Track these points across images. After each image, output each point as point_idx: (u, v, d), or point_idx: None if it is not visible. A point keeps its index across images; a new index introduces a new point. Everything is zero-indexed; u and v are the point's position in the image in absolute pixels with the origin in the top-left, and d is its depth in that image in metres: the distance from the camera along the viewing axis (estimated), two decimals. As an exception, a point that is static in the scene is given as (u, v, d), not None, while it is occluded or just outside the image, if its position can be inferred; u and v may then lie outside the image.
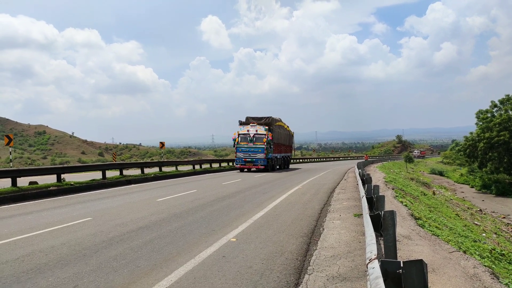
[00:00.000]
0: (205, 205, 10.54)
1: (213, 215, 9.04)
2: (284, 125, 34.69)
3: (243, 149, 27.54)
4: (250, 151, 27.38)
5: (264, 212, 9.41)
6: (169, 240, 6.53)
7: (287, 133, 35.25)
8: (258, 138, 27.52)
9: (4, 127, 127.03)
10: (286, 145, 34.55)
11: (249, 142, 27.48)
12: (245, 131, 28.02)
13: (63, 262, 5.24)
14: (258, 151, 27.21)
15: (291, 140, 37.48)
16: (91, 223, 7.95)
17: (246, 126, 28.29)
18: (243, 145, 27.61)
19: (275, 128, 29.71)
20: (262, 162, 27.18)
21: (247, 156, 27.35)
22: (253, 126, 28.09)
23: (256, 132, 27.74)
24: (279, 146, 31.29)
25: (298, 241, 6.55)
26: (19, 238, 6.61)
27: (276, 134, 30.01)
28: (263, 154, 27.11)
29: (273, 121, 29.63)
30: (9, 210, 9.80)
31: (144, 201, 11.32)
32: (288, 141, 36.00)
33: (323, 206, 10.64)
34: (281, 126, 33.05)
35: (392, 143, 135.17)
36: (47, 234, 6.95)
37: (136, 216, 8.82)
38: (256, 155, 27.26)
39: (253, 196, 12.72)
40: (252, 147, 27.44)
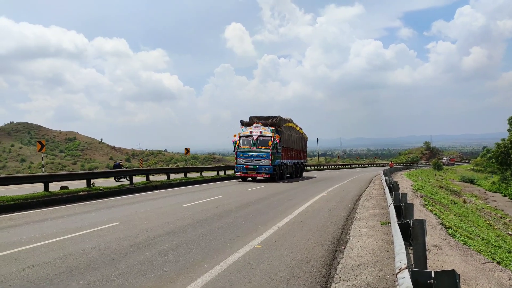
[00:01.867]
0: (229, 211, 10.58)
1: (238, 221, 9.07)
2: (296, 127, 30.32)
3: (244, 154, 23.58)
4: (253, 157, 23.31)
5: (288, 219, 9.36)
6: (195, 245, 6.59)
7: (299, 136, 30.66)
8: (262, 141, 23.45)
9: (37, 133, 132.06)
10: (298, 150, 30.08)
11: (252, 146, 23.50)
12: (247, 132, 23.98)
13: (93, 266, 5.38)
14: (263, 156, 23.10)
15: (304, 144, 32.78)
16: (119, 228, 8.13)
17: (249, 127, 24.17)
18: (244, 149, 23.68)
19: (284, 129, 25.67)
20: (267, 170, 23.05)
21: (249, 163, 23.37)
22: (257, 126, 23.96)
23: (260, 133, 23.65)
24: (289, 151, 27.19)
25: (323, 248, 6.48)
26: (52, 242, 6.83)
27: (286, 136, 25.90)
28: (269, 160, 22.95)
29: (282, 122, 25.50)
30: (42, 214, 10.14)
31: (170, 207, 11.48)
32: (301, 146, 31.35)
33: (348, 213, 10.48)
34: (292, 127, 28.76)
35: (420, 150, 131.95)
36: (77, 238, 7.16)
37: (162, 221, 8.95)
38: (260, 161, 23.17)
39: (277, 203, 12.69)
40: (255, 151, 23.36)
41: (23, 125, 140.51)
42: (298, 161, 29.97)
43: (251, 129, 23.99)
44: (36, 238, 7.09)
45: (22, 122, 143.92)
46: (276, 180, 23.43)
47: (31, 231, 7.79)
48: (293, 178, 27.63)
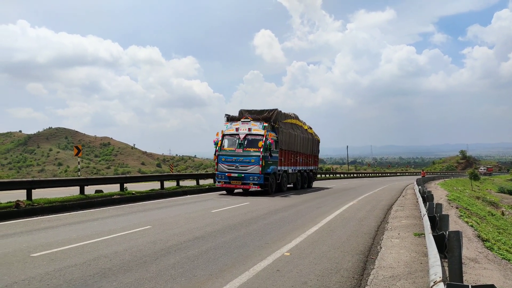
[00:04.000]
0: (258, 218, 10.59)
1: (266, 228, 9.06)
2: (303, 125, 24.28)
3: (227, 158, 18.04)
4: (238, 162, 17.81)
5: (317, 227, 9.25)
6: (224, 251, 6.63)
7: (307, 136, 24.25)
8: (251, 141, 18.00)
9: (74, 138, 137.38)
10: (305, 154, 23.89)
11: (238, 147, 18.08)
12: (232, 129, 18.55)
13: (126, 268, 5.51)
14: (250, 161, 17.56)
15: (314, 147, 26.12)
16: (150, 231, 8.30)
17: (235, 123, 18.76)
18: (228, 151, 18.19)
19: (283, 127, 19.93)
20: (256, 179, 17.45)
21: (233, 170, 17.85)
22: (246, 122, 18.53)
23: (249, 131, 18.14)
24: (291, 155, 21.31)
25: (354, 258, 6.35)
26: (86, 243, 7.07)
27: (286, 136, 20.14)
28: (258, 166, 17.36)
29: (280, 117, 19.76)
30: (77, 217, 10.52)
31: (199, 212, 11.62)
32: (310, 149, 24.98)
33: (380, 223, 10.24)
34: (297, 125, 22.84)
35: (455, 158, 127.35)
36: (111, 240, 7.37)
37: (192, 226, 9.07)
38: (247, 168, 17.61)
39: (306, 211, 12.57)
40: (240, 154, 17.86)
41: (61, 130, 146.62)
42: (305, 168, 23.80)
43: (237, 126, 18.52)
44: (72, 240, 7.35)
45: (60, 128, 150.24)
46: (270, 193, 17.94)
47: (67, 233, 8.09)
48: (297, 189, 22.08)
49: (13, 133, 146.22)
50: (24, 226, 8.92)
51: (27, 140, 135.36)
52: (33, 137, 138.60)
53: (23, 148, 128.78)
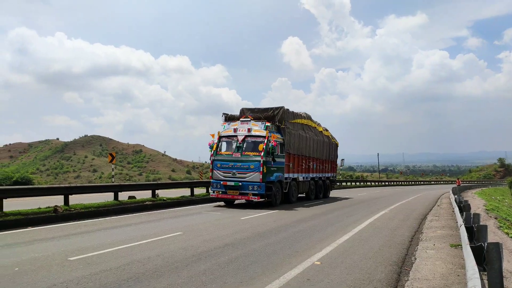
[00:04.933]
0: (287, 226, 10.53)
1: (296, 236, 8.99)
2: (317, 127, 21.17)
3: (223, 164, 15.51)
4: (236, 168, 15.27)
5: (348, 236, 9.09)
6: (253, 258, 6.63)
7: (322, 139, 21.37)
8: (251, 144, 15.50)
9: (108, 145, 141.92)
10: (320, 160, 21.06)
11: (235, 151, 15.50)
12: (230, 131, 16.05)
13: (158, 273, 5.62)
14: (249, 167, 14.99)
15: (332, 151, 23.06)
16: (181, 237, 8.43)
17: (234, 123, 16.22)
18: (224, 156, 15.69)
19: (291, 128, 17.23)
20: (256, 189, 14.80)
21: (230, 177, 15.28)
22: (245, 122, 15.98)
23: (248, 132, 15.62)
24: (302, 161, 18.61)
25: (387, 269, 6.19)
26: (120, 248, 7.26)
27: (295, 138, 17.55)
28: (258, 173, 14.78)
29: (287, 116, 17.07)
30: (112, 222, 10.83)
31: (229, 219, 11.69)
32: (326, 153, 22.00)
33: (413, 233, 9.94)
34: (309, 126, 19.80)
35: (493, 166, 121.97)
36: (143, 246, 7.54)
37: (222, 233, 9.14)
38: (245, 176, 15.04)
39: (336, 219, 12.39)
40: (238, 159, 15.27)
41: (96, 138, 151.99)
42: (320, 175, 21.02)
43: (235, 126, 15.98)
44: (107, 244, 7.57)
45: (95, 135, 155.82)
46: (274, 205, 15.42)
47: (102, 238, 8.34)
48: (310, 199, 19.41)
49: (51, 141, 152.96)
50: (62, 230, 9.27)
51: (64, 147, 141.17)
52: (69, 145, 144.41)
53: (60, 155, 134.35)
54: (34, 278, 5.31)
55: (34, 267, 5.85)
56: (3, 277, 5.34)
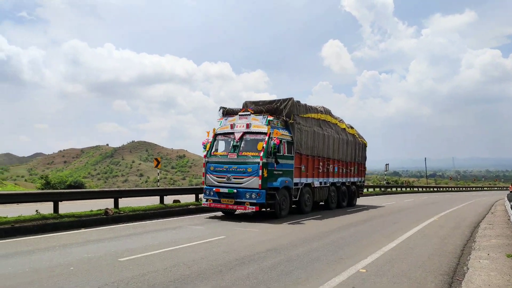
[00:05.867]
0: (330, 232, 10.36)
1: (340, 242, 8.83)
2: (339, 123, 18.15)
3: (217, 167, 13.07)
4: (230, 171, 12.71)
5: (395, 243, 8.79)
6: (297, 264, 6.59)
7: (345, 138, 18.20)
8: (250, 142, 13.00)
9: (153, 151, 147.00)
10: (344, 162, 18.02)
11: (231, 151, 12.97)
12: (227, 127, 13.56)
13: (203, 276, 5.73)
14: (246, 170, 12.41)
15: (358, 152, 19.79)
16: (224, 241, 8.54)
17: (231, 118, 13.70)
18: (218, 157, 13.25)
19: (301, 123, 14.39)
20: (254, 197, 12.16)
21: (224, 182, 12.77)
22: (245, 116, 13.42)
23: (246, 128, 13.05)
24: (321, 163, 15.76)
25: (437, 279, 5.92)
26: (167, 250, 7.48)
27: (307, 136, 14.62)
28: (257, 177, 12.16)
29: (297, 109, 14.24)
30: (158, 225, 11.19)
31: (272, 221, 11.67)
32: (352, 154, 18.88)
33: (465, 242, 9.43)
34: (327, 122, 16.81)
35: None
36: (188, 248, 7.72)
37: (264, 238, 9.16)
38: (242, 181, 12.45)
39: (382, 226, 12.03)
40: (234, 161, 12.74)
41: (142, 144, 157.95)
42: (343, 179, 17.89)
43: (233, 121, 13.46)
44: (154, 246, 7.83)
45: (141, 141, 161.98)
46: (279, 216, 12.77)
47: (150, 239, 8.64)
48: (331, 209, 16.51)
49: (101, 147, 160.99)
50: (112, 232, 9.70)
51: (113, 153, 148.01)
52: (118, 150, 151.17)
53: (109, 160, 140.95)
54: (88, 277, 5.60)
55: (87, 266, 6.17)
56: (60, 275, 5.68)
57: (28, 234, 9.06)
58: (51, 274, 5.71)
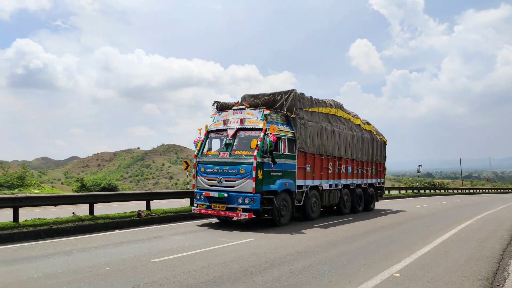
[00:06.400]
0: (361, 235, 10.20)
1: (371, 245, 8.67)
2: (353, 118, 16.43)
3: (207, 168, 11.72)
4: (221, 173, 11.35)
5: (429, 247, 8.53)
6: (327, 267, 6.52)
7: (360, 135, 16.54)
8: (244, 140, 11.54)
9: (182, 153, 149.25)
10: (359, 162, 16.35)
11: (223, 150, 11.58)
12: (219, 123, 12.16)
13: (234, 278, 5.78)
14: (238, 171, 10.99)
15: (376, 151, 17.92)
16: (254, 243, 8.57)
17: (225, 113, 12.28)
18: (210, 157, 11.86)
19: (305, 117, 12.80)
20: (247, 202, 10.67)
21: (215, 185, 11.43)
22: (239, 111, 11.98)
23: (240, 124, 11.60)
24: (331, 163, 14.12)
25: (475, 284, 5.70)
26: (198, 252, 7.59)
27: (314, 132, 13.06)
28: (250, 179, 10.71)
29: (299, 102, 12.68)
30: (188, 226, 11.35)
31: (301, 226, 11.60)
32: (368, 153, 17.11)
33: (505, 246, 9.03)
34: (338, 117, 15.18)
35: None
36: (219, 250, 7.80)
37: (293, 240, 9.12)
38: (234, 184, 11.03)
39: (414, 229, 11.72)
40: (225, 161, 11.36)
41: (171, 147, 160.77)
42: (358, 181, 16.17)
43: (227, 117, 12.06)
44: (185, 248, 7.96)
45: (170, 144, 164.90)
46: (278, 224, 11.19)
47: (181, 241, 8.79)
48: (343, 214, 14.84)
49: (133, 150, 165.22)
50: (145, 233, 9.94)
51: (144, 156, 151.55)
52: (149, 153, 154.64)
53: (141, 163, 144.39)
54: (123, 277, 5.77)
55: (122, 267, 6.36)
56: (97, 275, 5.88)
57: (66, 235, 9.42)
58: (89, 274, 5.92)
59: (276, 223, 11.17)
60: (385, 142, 19.38)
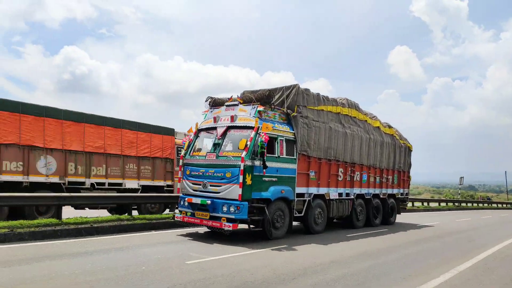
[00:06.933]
0: (397, 247, 9.91)
1: (407, 258, 8.41)
2: (370, 120, 14.66)
3: (193, 171, 10.27)
4: (207, 176, 9.91)
5: (471, 263, 8.14)
6: (361, 279, 6.38)
7: (380, 139, 14.80)
8: (233, 139, 10.13)
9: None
10: (377, 169, 14.49)
11: (211, 151, 10.18)
12: (210, 121, 10.82)
13: (266, 284, 5.78)
14: (224, 175, 9.57)
15: (399, 157, 16.11)
16: (286, 250, 8.52)
17: (217, 110, 10.91)
18: (197, 158, 10.40)
19: (309, 116, 11.30)
20: (233, 211, 9.20)
21: (199, 190, 9.97)
22: (231, 107, 10.59)
23: (231, 121, 10.21)
24: (342, 169, 12.56)
25: (521, 305, 5.38)
26: (231, 256, 7.65)
27: (321, 133, 11.65)
28: (236, 184, 9.25)
29: (302, 98, 11.22)
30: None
31: (334, 235, 11.41)
32: (389, 159, 15.28)
33: (555, 266, 8.46)
34: (352, 118, 13.55)
35: None
36: (251, 256, 7.84)
37: (327, 250, 9.00)
38: (219, 189, 9.59)
39: (455, 243, 11.24)
40: (212, 163, 9.91)
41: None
42: (375, 190, 14.34)
43: (218, 113, 10.74)
44: (218, 251, 8.04)
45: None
46: (270, 238, 9.64)
47: (214, 245, 8.88)
48: (354, 227, 13.11)
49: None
50: (179, 236, 10.14)
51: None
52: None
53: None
54: (158, 277, 5.92)
55: (157, 267, 6.52)
56: (134, 274, 6.07)
57: (105, 234, 9.77)
58: (125, 272, 6.11)
59: (268, 236, 9.60)
60: (410, 148, 17.42)
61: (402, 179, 16.38)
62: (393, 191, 15.67)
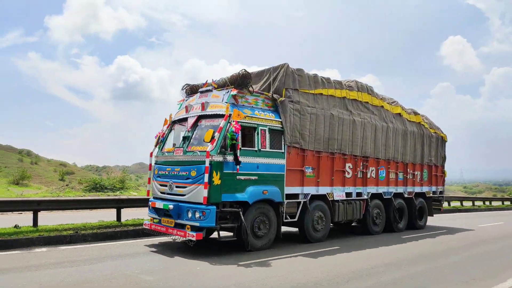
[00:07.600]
0: (456, 249, 9.41)
1: (468, 261, 7.98)
2: (387, 105, 12.19)
3: (160, 169, 8.74)
4: (172, 175, 8.27)
5: (541, 267, 7.56)
6: (419, 283, 6.14)
7: (402, 128, 12.39)
8: (204, 130, 8.23)
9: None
10: (400, 163, 12.20)
11: (180, 146, 8.60)
12: (182, 111, 9.19)
13: (319, 285, 5.74)
14: (190, 174, 7.84)
15: (429, 149, 13.56)
16: (339, 252, 8.39)
17: (191, 98, 9.24)
18: (166, 155, 8.93)
19: (300, 102, 9.31)
20: (198, 217, 7.46)
21: (166, 192, 8.39)
22: (205, 94, 8.87)
23: (202, 110, 8.46)
24: (350, 163, 10.51)
25: None
26: (280, 258, 7.67)
27: (318, 120, 9.67)
28: (201, 185, 7.52)
29: (292, 80, 9.22)
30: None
31: (389, 236, 11.06)
32: (415, 152, 12.85)
33: None
34: (363, 104, 11.27)
35: None
36: (301, 257, 7.79)
37: (382, 251, 8.75)
38: (185, 190, 7.90)
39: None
40: (178, 160, 8.34)
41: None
42: (396, 189, 12.10)
43: (191, 102, 9.17)
44: (268, 253, 8.06)
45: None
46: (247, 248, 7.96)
47: (265, 246, 8.93)
48: (370, 234, 11.11)
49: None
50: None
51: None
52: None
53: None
54: (214, 277, 6.07)
55: (213, 268, 6.69)
56: (196, 275, 6.27)
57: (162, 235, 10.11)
58: (182, 272, 6.33)
59: (245, 246, 7.93)
60: (445, 138, 14.69)
61: (434, 174, 13.83)
62: (422, 189, 13.28)
